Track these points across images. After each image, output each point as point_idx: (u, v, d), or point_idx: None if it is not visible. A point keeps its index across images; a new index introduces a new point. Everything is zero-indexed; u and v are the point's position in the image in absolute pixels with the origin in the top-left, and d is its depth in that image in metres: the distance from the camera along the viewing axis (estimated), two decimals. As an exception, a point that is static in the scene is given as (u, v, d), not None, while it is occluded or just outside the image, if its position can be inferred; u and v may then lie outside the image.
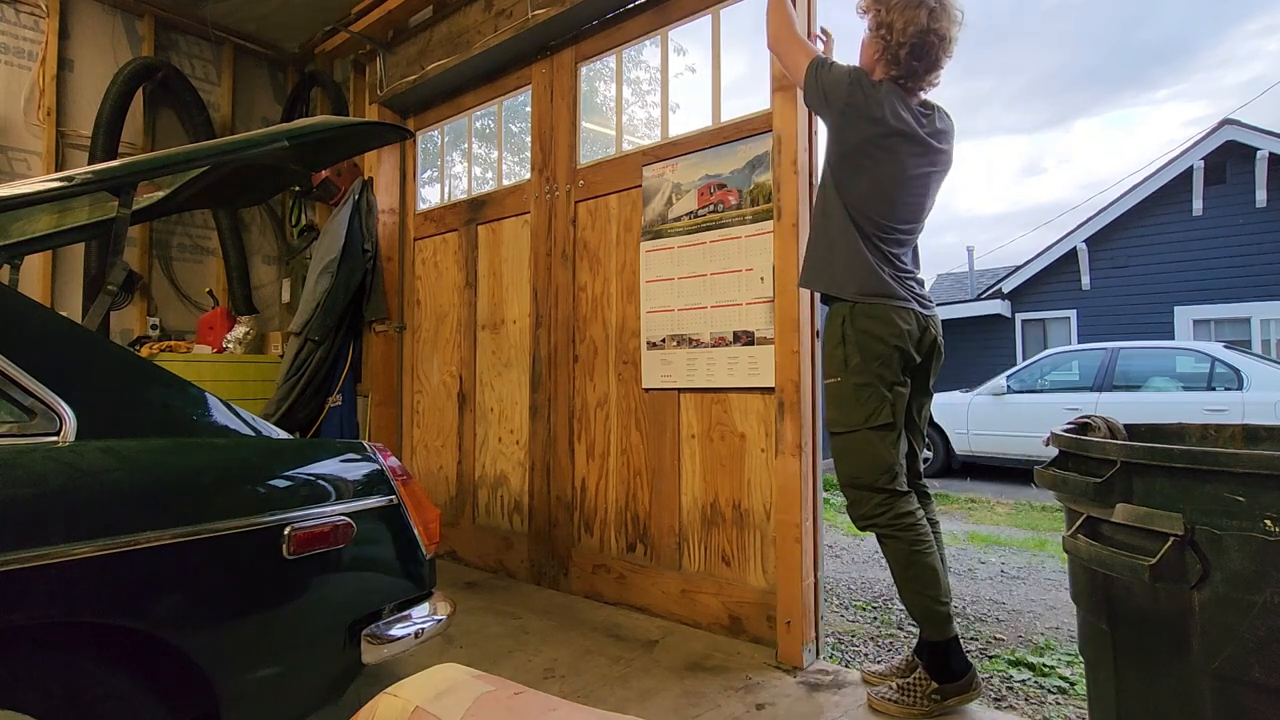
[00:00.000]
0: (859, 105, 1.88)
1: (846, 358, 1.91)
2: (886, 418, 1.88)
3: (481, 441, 3.47)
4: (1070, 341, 10.74)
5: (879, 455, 1.88)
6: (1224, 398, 5.99)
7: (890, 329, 1.87)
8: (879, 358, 1.87)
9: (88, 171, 1.45)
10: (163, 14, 4.17)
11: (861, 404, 1.88)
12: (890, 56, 1.91)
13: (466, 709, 0.86)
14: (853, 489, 1.94)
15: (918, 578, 1.87)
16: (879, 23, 1.92)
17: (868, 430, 1.88)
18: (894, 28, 1.88)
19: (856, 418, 1.89)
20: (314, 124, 1.75)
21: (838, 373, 1.92)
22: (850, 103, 1.89)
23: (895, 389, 1.89)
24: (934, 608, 1.86)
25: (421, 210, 3.90)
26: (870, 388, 1.88)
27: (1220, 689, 1.11)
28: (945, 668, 1.88)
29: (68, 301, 3.79)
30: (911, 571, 1.87)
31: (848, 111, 1.90)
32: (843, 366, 1.91)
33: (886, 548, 1.92)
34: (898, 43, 1.88)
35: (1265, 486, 1.05)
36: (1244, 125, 9.85)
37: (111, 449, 1.16)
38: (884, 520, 1.89)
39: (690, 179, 2.65)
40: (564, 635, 2.51)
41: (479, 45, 3.25)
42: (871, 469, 1.89)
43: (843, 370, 1.91)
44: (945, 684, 1.87)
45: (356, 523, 1.43)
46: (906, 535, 1.88)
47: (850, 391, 1.90)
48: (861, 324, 1.89)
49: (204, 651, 1.17)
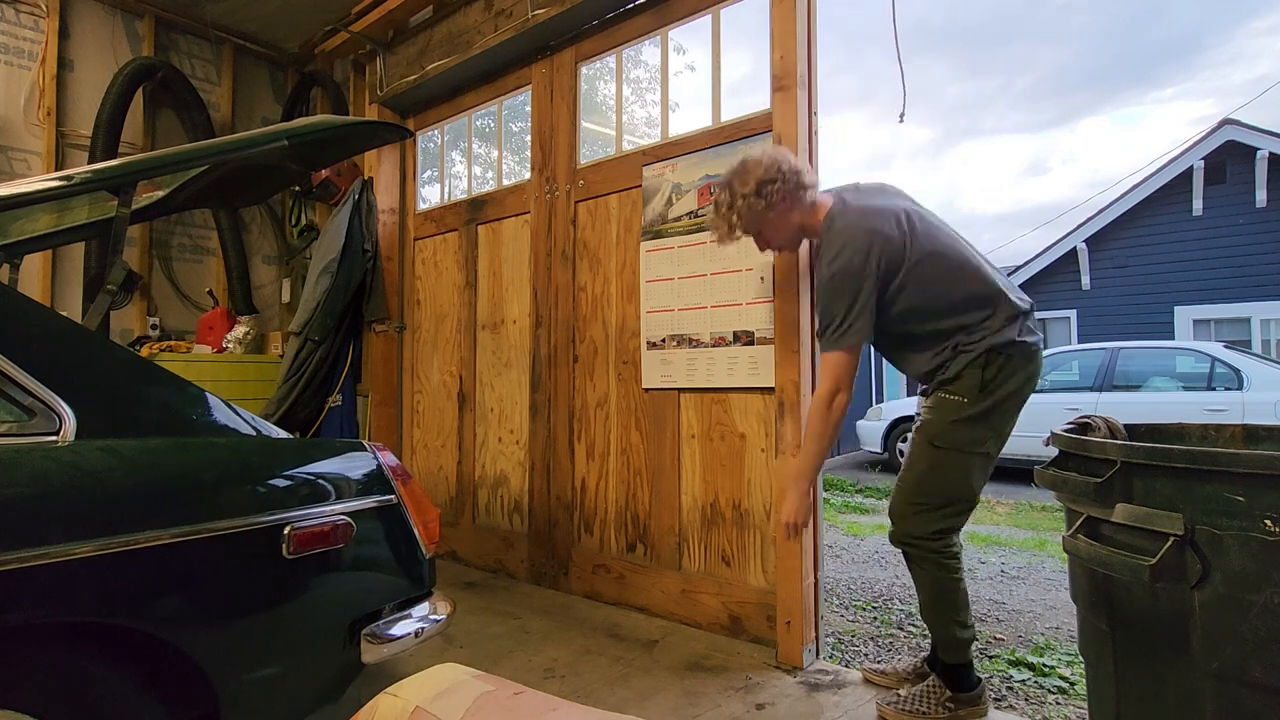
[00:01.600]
0: (867, 272, 1.82)
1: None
2: (993, 448, 1.83)
3: (481, 441, 3.47)
4: (1070, 341, 10.74)
5: (973, 483, 1.82)
6: (1224, 398, 5.99)
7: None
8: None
9: (87, 171, 1.45)
10: (163, 14, 4.17)
11: (977, 428, 1.80)
12: (790, 198, 1.89)
13: (466, 709, 0.86)
14: (921, 504, 1.84)
15: (953, 604, 1.83)
16: (757, 194, 1.88)
17: (976, 454, 1.81)
18: (764, 184, 1.87)
19: (968, 439, 1.80)
20: (314, 123, 1.74)
21: (968, 394, 1.81)
22: (869, 274, 1.81)
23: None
24: (960, 635, 1.83)
25: (421, 210, 3.90)
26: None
27: (1220, 689, 1.11)
28: (960, 683, 1.87)
29: (67, 301, 3.79)
30: (946, 598, 1.83)
31: (873, 277, 1.82)
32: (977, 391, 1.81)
33: (924, 570, 1.86)
34: (782, 188, 1.87)
35: (1265, 486, 1.05)
36: (1244, 125, 9.86)
37: (111, 448, 1.16)
38: (936, 546, 1.82)
39: (690, 179, 2.65)
40: (564, 635, 2.51)
41: (479, 45, 3.25)
42: (957, 493, 1.82)
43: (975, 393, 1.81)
44: (958, 694, 1.86)
45: (356, 522, 1.43)
46: (950, 564, 1.83)
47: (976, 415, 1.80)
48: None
49: (204, 651, 1.17)
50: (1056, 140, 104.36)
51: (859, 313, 1.80)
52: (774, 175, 1.86)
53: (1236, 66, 66.91)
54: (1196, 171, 10.09)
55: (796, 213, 1.93)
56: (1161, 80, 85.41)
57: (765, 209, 1.89)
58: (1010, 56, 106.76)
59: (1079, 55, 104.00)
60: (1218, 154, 10.03)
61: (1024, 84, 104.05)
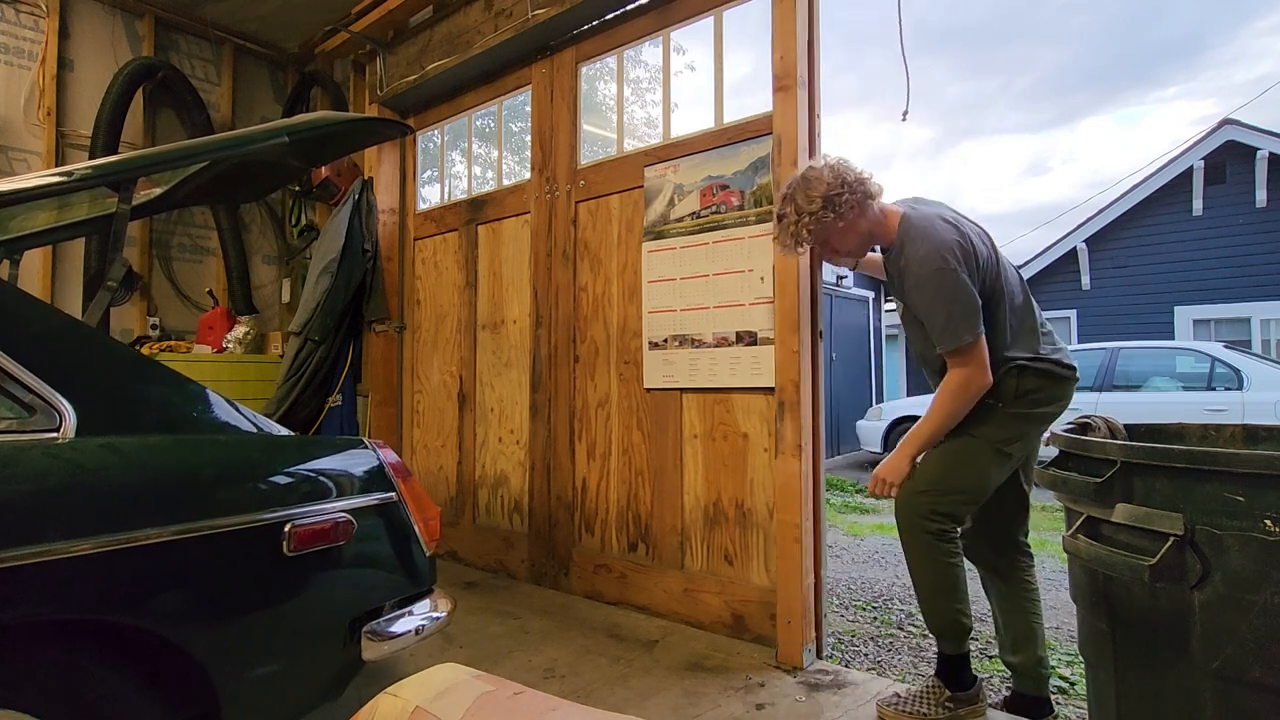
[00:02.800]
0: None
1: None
2: (1017, 450, 1.85)
3: (481, 441, 3.47)
4: (1070, 341, 10.74)
5: (987, 478, 1.84)
6: (1224, 398, 5.98)
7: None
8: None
9: (87, 167, 1.45)
10: (163, 14, 4.17)
11: (1005, 426, 1.84)
12: (859, 208, 1.91)
13: (466, 709, 0.86)
14: (931, 490, 1.85)
15: (954, 591, 1.84)
16: (825, 208, 1.89)
17: (999, 450, 1.83)
18: (832, 197, 1.88)
19: (997, 435, 1.84)
20: (314, 119, 1.74)
21: (1003, 398, 1.86)
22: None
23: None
24: (960, 620, 1.84)
25: (421, 210, 3.90)
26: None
27: (1220, 689, 1.11)
28: (958, 679, 1.87)
29: (67, 299, 3.79)
30: (947, 582, 1.84)
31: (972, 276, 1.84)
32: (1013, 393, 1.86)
33: (922, 554, 1.86)
34: (850, 199, 1.88)
35: (1265, 486, 1.05)
36: (1244, 125, 9.85)
37: (111, 446, 1.16)
38: (936, 527, 1.83)
39: (693, 180, 2.65)
40: (564, 635, 2.51)
41: (479, 45, 3.25)
42: (968, 482, 1.84)
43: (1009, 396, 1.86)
44: (957, 693, 1.86)
45: (357, 519, 1.43)
46: (948, 548, 1.84)
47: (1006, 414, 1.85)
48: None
49: (204, 649, 1.17)
50: (1057, 140, 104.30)
51: (966, 306, 1.79)
52: (840, 188, 1.88)
53: (1239, 66, 66.85)
54: (1196, 171, 10.09)
55: (864, 221, 1.94)
56: (1163, 80, 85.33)
57: (835, 220, 1.90)
58: (1010, 56, 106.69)
59: (1079, 55, 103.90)
60: (1218, 154, 10.03)
61: (1024, 84, 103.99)
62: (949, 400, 1.84)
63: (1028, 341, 1.87)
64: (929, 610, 1.89)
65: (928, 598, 1.88)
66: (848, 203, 1.88)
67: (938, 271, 1.79)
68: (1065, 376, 1.87)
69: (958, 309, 1.77)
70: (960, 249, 1.81)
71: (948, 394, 1.84)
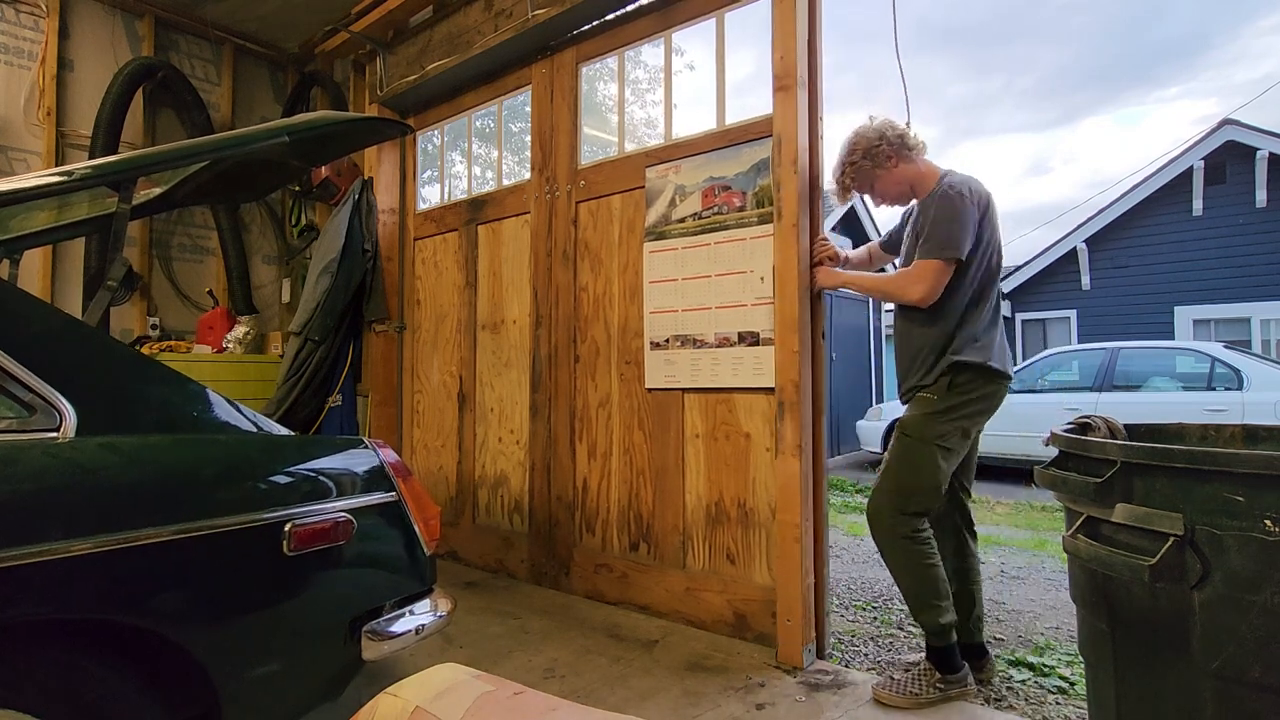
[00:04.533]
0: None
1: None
2: (957, 444, 2.02)
3: (481, 441, 3.47)
4: (1070, 341, 10.74)
5: (939, 471, 2.00)
6: (1224, 398, 5.98)
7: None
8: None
9: (87, 166, 1.45)
10: (163, 14, 4.17)
11: (940, 423, 2.01)
12: (897, 156, 2.12)
13: (466, 709, 0.86)
14: (896, 494, 2.04)
15: (935, 590, 1.99)
16: (864, 156, 2.13)
17: (937, 445, 1.99)
18: (870, 148, 2.12)
19: (933, 432, 2.00)
20: (314, 119, 1.74)
21: (938, 392, 2.04)
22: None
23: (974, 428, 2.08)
24: (942, 620, 1.99)
25: (421, 210, 3.90)
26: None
27: (1220, 689, 1.11)
28: (949, 663, 2.00)
29: (67, 298, 3.78)
30: (929, 586, 1.99)
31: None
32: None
33: (902, 563, 2.03)
34: (887, 149, 2.11)
35: (1265, 486, 1.05)
36: (1244, 125, 9.85)
37: (112, 445, 1.16)
38: (909, 528, 2.01)
39: (694, 181, 2.64)
40: (564, 635, 2.51)
41: (479, 45, 3.25)
42: (926, 479, 2.00)
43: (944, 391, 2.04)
44: (948, 675, 1.99)
45: (357, 519, 1.43)
46: (922, 548, 2.01)
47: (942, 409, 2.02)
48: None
49: (204, 648, 1.17)
50: (1058, 140, 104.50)
51: (962, 229, 1.97)
52: (877, 140, 2.11)
53: (1240, 66, 66.96)
54: (1196, 171, 10.09)
55: (905, 170, 2.14)
56: (1165, 80, 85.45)
57: (874, 168, 2.13)
58: (1011, 56, 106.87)
59: (1080, 55, 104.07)
60: (1218, 154, 10.03)
61: (1026, 84, 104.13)
62: (889, 282, 2.14)
63: (980, 348, 2.02)
64: (917, 613, 2.05)
65: (914, 602, 2.04)
66: (884, 153, 2.11)
67: (958, 196, 1.99)
68: (997, 378, 2.03)
69: (956, 228, 1.96)
70: (985, 202, 2.02)
71: (892, 278, 2.13)
